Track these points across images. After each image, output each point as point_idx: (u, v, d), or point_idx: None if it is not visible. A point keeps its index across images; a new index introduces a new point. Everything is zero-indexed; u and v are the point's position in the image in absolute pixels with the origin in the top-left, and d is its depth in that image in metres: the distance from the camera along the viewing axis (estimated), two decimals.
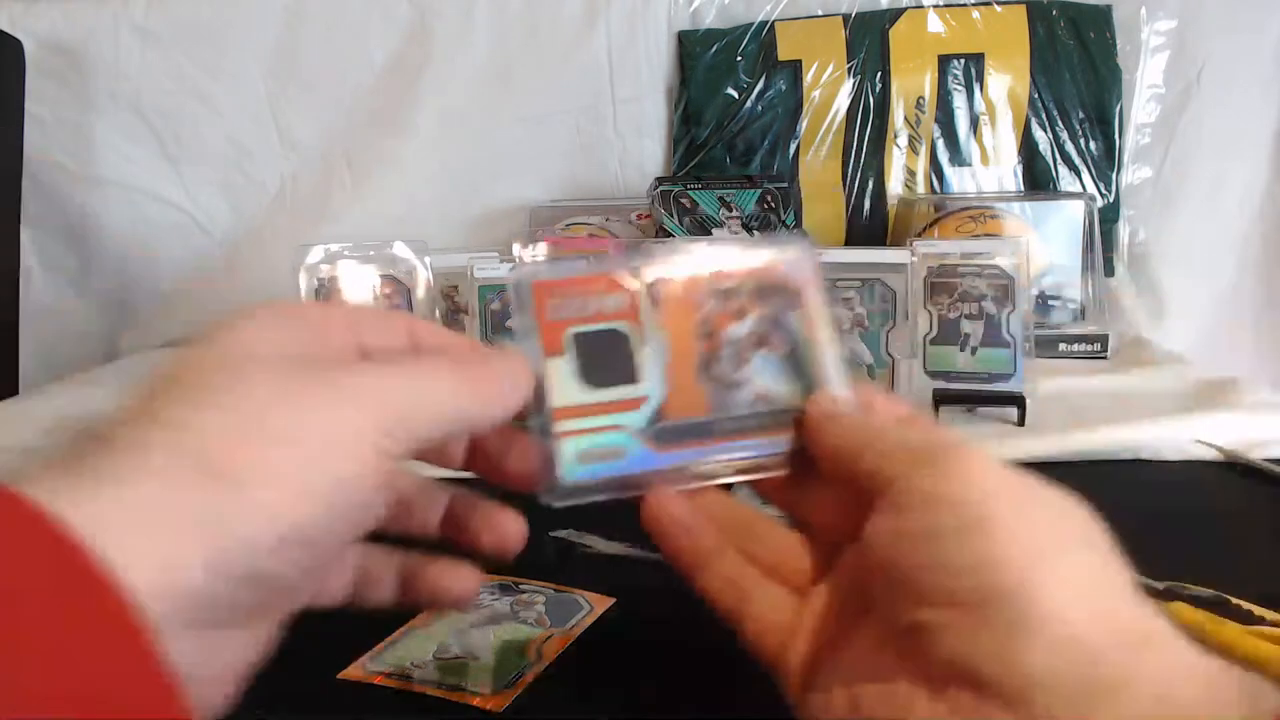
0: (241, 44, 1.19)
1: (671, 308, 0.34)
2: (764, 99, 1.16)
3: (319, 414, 0.25)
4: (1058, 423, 0.70)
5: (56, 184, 1.21)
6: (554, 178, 1.22)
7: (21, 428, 0.82)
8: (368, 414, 0.26)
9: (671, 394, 0.34)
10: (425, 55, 1.18)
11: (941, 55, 1.15)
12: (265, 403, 0.25)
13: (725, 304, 0.35)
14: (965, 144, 1.16)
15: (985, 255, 0.74)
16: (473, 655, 0.38)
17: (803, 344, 0.34)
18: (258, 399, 0.25)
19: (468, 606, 0.37)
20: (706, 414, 0.34)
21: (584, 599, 0.43)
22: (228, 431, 0.24)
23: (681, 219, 1.00)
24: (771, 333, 0.35)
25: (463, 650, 0.39)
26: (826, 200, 1.17)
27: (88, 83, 1.19)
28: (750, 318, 0.35)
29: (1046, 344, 0.93)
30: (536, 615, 0.42)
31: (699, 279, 0.35)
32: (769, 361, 0.34)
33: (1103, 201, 1.14)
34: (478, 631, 0.40)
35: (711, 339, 0.34)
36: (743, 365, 0.34)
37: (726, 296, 0.35)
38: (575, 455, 0.33)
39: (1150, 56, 1.17)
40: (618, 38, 1.18)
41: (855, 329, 0.70)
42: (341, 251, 0.76)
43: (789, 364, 0.34)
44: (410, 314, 0.32)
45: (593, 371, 0.34)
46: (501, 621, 0.41)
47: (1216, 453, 0.62)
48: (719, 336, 0.35)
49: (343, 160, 1.21)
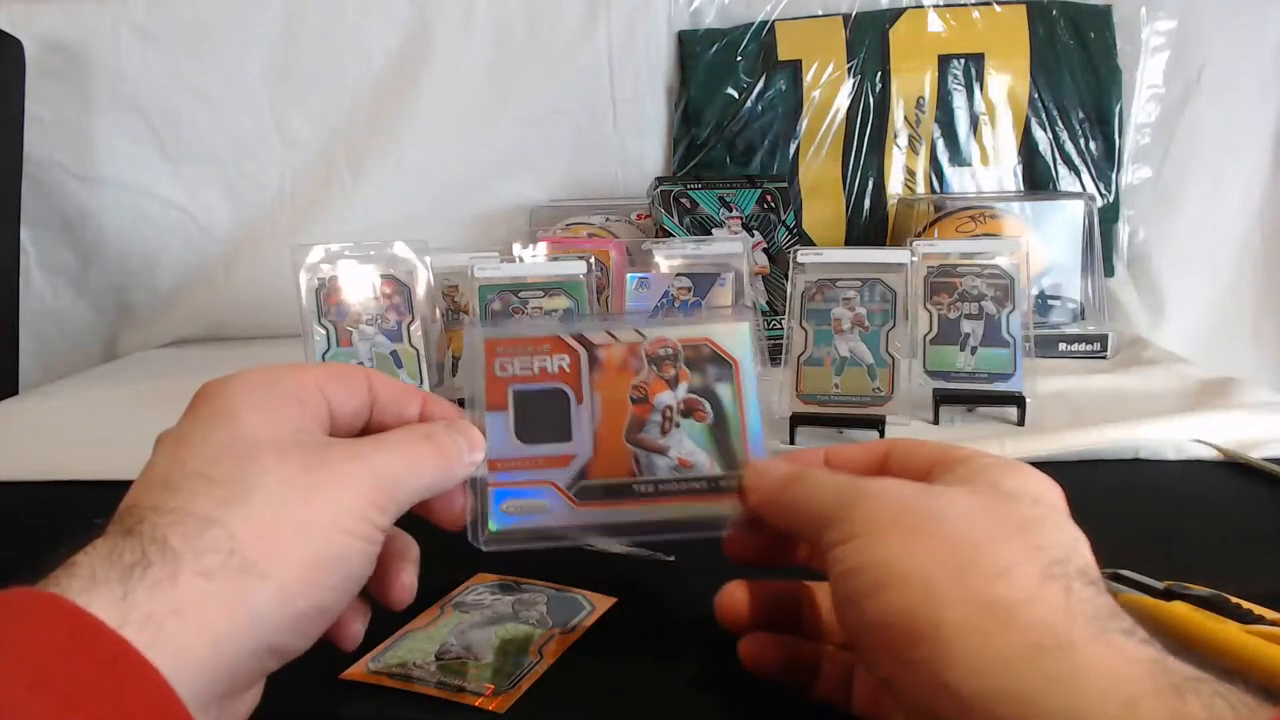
0: (241, 44, 1.19)
1: (609, 372, 0.37)
2: (764, 99, 1.16)
3: (326, 501, 0.29)
4: (1058, 423, 0.70)
5: (56, 184, 1.21)
6: (554, 178, 1.22)
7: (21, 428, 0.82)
8: (364, 495, 0.30)
9: (598, 454, 0.37)
10: (425, 55, 1.18)
11: (941, 55, 1.15)
12: (279, 493, 0.28)
13: (660, 371, 0.37)
14: (965, 144, 1.16)
15: (985, 255, 0.74)
16: (474, 655, 0.38)
17: (730, 416, 0.37)
18: (272, 490, 0.28)
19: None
20: (628, 475, 0.36)
21: (585, 598, 0.43)
22: (252, 525, 0.27)
23: (681, 219, 1.00)
24: (700, 403, 0.36)
25: (464, 650, 0.39)
26: (826, 200, 1.17)
27: (88, 83, 1.19)
28: (682, 385, 0.37)
29: (1046, 344, 0.93)
30: (538, 615, 0.42)
31: (638, 345, 0.37)
32: (694, 430, 0.36)
33: (1103, 201, 1.15)
34: (479, 631, 0.40)
35: (642, 404, 0.37)
36: (669, 431, 0.37)
37: (662, 364, 0.37)
38: (503, 506, 0.36)
39: (1150, 56, 1.17)
40: (618, 38, 1.18)
41: (855, 329, 0.70)
42: (341, 251, 0.76)
43: (714, 434, 0.37)
44: (366, 369, 0.36)
45: (528, 428, 0.37)
46: (503, 621, 0.41)
47: (1216, 452, 0.62)
48: (649, 402, 0.37)
49: (343, 160, 1.21)
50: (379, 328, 0.75)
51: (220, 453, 0.29)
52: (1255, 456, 0.61)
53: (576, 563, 0.48)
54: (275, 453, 0.29)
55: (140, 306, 1.27)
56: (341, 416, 0.34)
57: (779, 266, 0.97)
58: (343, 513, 0.29)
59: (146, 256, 1.24)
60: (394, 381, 0.36)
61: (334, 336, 0.74)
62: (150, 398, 0.89)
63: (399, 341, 0.75)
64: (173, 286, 1.25)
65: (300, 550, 0.28)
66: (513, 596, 0.43)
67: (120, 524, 0.28)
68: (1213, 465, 0.62)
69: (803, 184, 1.17)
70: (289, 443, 0.30)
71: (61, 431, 0.80)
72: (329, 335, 0.74)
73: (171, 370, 1.08)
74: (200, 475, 0.28)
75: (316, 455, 0.30)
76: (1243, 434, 0.64)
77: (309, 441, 0.31)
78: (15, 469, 0.66)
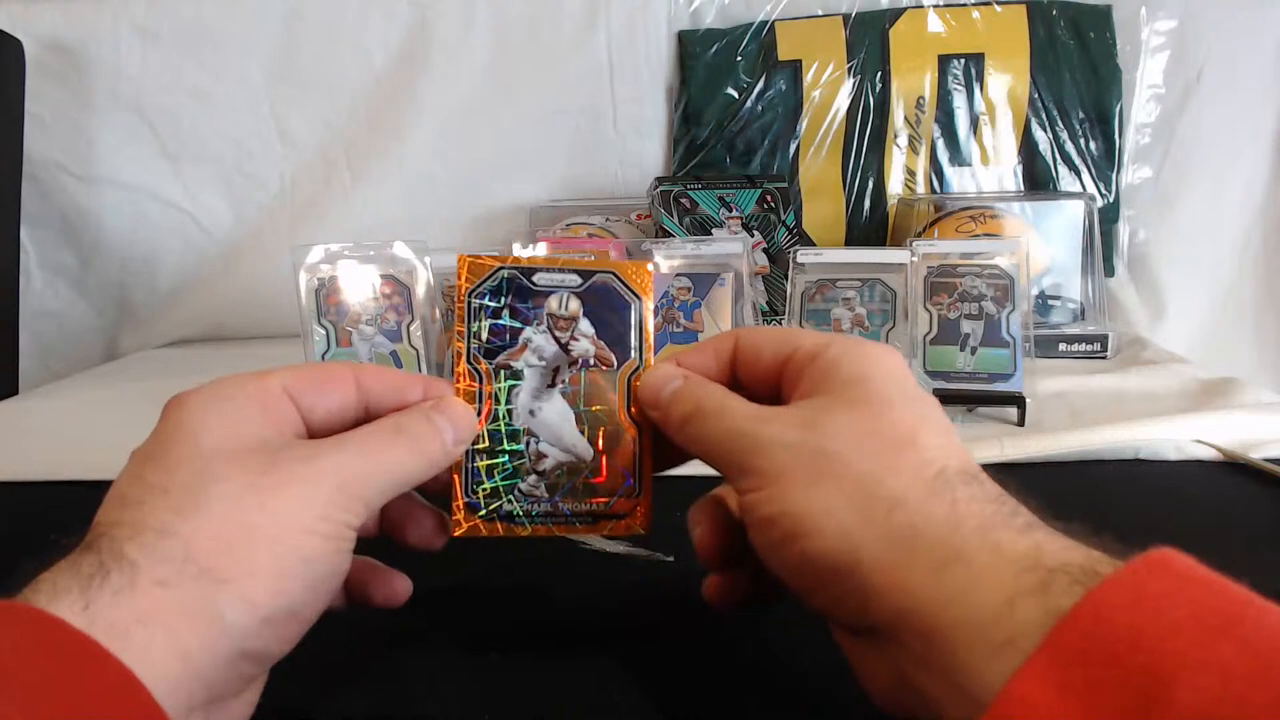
0: (241, 44, 1.19)
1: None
2: (764, 99, 1.16)
3: (281, 504, 0.29)
4: (1058, 423, 0.70)
5: (56, 184, 1.21)
6: (554, 178, 1.22)
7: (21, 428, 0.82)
8: (327, 496, 0.30)
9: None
10: (425, 55, 1.18)
11: (941, 55, 1.15)
12: (234, 500, 0.28)
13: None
14: (965, 144, 1.16)
15: (985, 255, 0.74)
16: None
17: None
18: (227, 497, 0.28)
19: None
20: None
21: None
22: (206, 533, 0.27)
23: (681, 219, 1.00)
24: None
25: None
26: (826, 200, 1.17)
27: (88, 83, 1.19)
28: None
29: (1046, 344, 0.94)
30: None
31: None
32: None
33: (1103, 201, 1.15)
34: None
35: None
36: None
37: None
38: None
39: (1150, 56, 1.17)
40: (618, 38, 1.18)
41: (855, 329, 0.70)
42: (341, 251, 0.76)
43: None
44: (353, 364, 0.34)
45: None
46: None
47: (1216, 453, 0.62)
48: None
49: (343, 160, 1.21)
50: (378, 328, 0.75)
51: (177, 465, 0.29)
52: (1255, 456, 0.61)
53: (575, 563, 0.48)
54: (231, 461, 0.29)
55: (140, 306, 1.27)
56: (318, 417, 0.33)
57: (779, 266, 0.97)
58: (301, 513, 0.29)
59: (146, 256, 1.24)
60: (388, 372, 0.35)
61: (334, 336, 0.74)
62: (150, 398, 0.89)
63: (399, 342, 0.75)
64: (173, 286, 1.25)
65: (259, 554, 0.28)
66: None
67: (83, 541, 0.28)
68: (1213, 465, 0.62)
69: (803, 184, 1.17)
70: (247, 450, 0.30)
71: (61, 431, 0.80)
72: (329, 335, 0.74)
73: (171, 370, 1.08)
74: (157, 488, 0.28)
75: (271, 459, 0.30)
76: (1243, 434, 0.64)
77: (269, 447, 0.30)
78: (15, 469, 0.65)
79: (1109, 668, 0.21)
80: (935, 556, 0.27)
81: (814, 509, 0.29)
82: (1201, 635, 0.21)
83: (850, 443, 0.30)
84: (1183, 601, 0.22)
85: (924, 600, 0.26)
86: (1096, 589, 0.23)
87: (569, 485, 0.37)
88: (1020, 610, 0.24)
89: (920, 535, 0.27)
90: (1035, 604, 0.24)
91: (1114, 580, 0.23)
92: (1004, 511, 0.28)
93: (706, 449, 0.34)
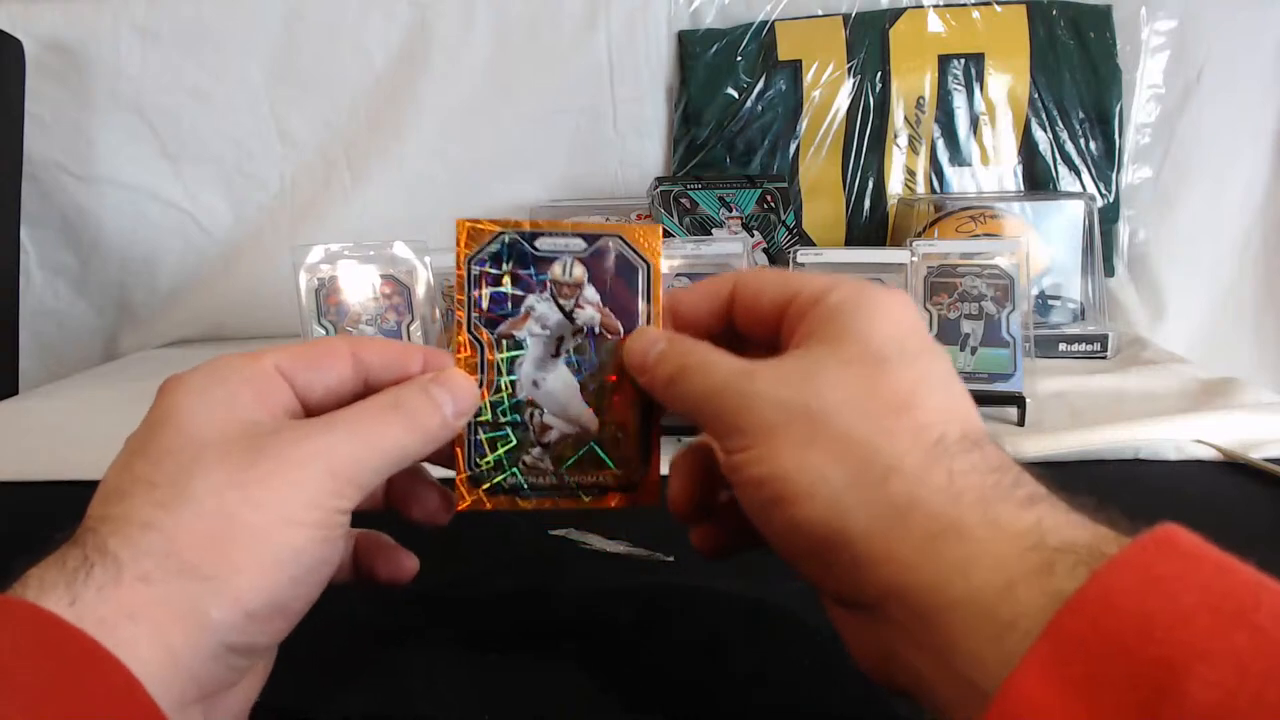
0: (241, 44, 1.19)
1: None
2: (764, 99, 1.16)
3: (268, 496, 0.28)
4: (1058, 423, 0.70)
5: (56, 184, 1.21)
6: (554, 178, 1.22)
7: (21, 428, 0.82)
8: (317, 482, 0.28)
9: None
10: (425, 55, 1.18)
11: (941, 55, 1.15)
12: (219, 493, 0.27)
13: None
14: (965, 144, 1.16)
15: (985, 255, 0.74)
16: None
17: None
18: (212, 490, 0.27)
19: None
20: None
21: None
22: (190, 528, 0.27)
23: (681, 219, 1.00)
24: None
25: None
26: (826, 200, 1.17)
27: (88, 83, 1.19)
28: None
29: (1046, 344, 0.94)
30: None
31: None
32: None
33: (1103, 201, 1.15)
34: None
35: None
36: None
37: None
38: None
39: (1150, 56, 1.17)
40: (618, 38, 1.18)
41: None
42: (341, 251, 0.76)
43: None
44: (352, 336, 0.33)
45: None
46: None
47: (1216, 452, 0.62)
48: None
49: (343, 160, 1.21)
50: (379, 328, 0.75)
51: (164, 456, 0.28)
52: (1255, 456, 0.61)
53: (576, 563, 0.48)
54: (218, 450, 0.28)
55: (140, 306, 1.27)
56: (316, 394, 0.32)
57: (779, 266, 0.97)
58: (288, 504, 0.28)
59: (146, 256, 1.24)
60: (388, 343, 0.34)
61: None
62: (150, 398, 0.89)
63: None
64: (173, 286, 1.25)
65: (244, 550, 0.27)
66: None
67: (72, 536, 0.27)
68: (1213, 465, 0.62)
69: (803, 184, 1.17)
70: (235, 437, 0.29)
71: (61, 431, 0.80)
72: (329, 335, 0.74)
73: (171, 370, 1.07)
74: (144, 480, 0.28)
75: (259, 447, 0.28)
76: (1243, 434, 0.64)
77: (260, 431, 0.29)
78: (15, 469, 0.65)
79: (1115, 660, 0.20)
80: (931, 530, 0.25)
81: (805, 473, 0.27)
82: (1214, 623, 0.20)
83: (845, 403, 0.28)
84: (1193, 585, 0.21)
85: (919, 576, 0.25)
86: (1102, 571, 0.22)
87: (574, 458, 0.36)
88: (1022, 593, 0.23)
89: (917, 506, 0.26)
90: (1037, 587, 0.23)
91: (1120, 562, 0.22)
92: (1005, 483, 0.26)
93: (691, 407, 0.32)
